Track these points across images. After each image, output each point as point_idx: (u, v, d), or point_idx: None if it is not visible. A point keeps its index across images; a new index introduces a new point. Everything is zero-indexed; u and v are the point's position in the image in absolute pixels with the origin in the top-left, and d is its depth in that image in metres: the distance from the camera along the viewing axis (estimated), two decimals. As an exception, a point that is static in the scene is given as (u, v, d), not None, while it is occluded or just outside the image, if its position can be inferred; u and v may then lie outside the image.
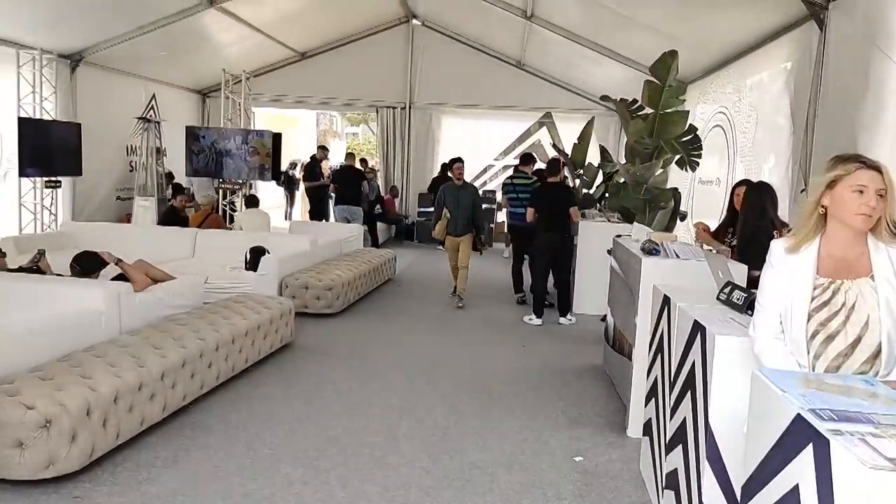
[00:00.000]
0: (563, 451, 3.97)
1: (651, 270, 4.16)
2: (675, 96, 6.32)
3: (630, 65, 9.67)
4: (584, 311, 7.39)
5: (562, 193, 7.19)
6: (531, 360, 5.81)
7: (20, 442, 3.14)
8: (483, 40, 12.93)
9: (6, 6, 7.62)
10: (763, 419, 1.94)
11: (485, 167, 14.18)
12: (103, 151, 10.09)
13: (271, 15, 10.85)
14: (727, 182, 7.66)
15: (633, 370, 4.23)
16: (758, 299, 2.33)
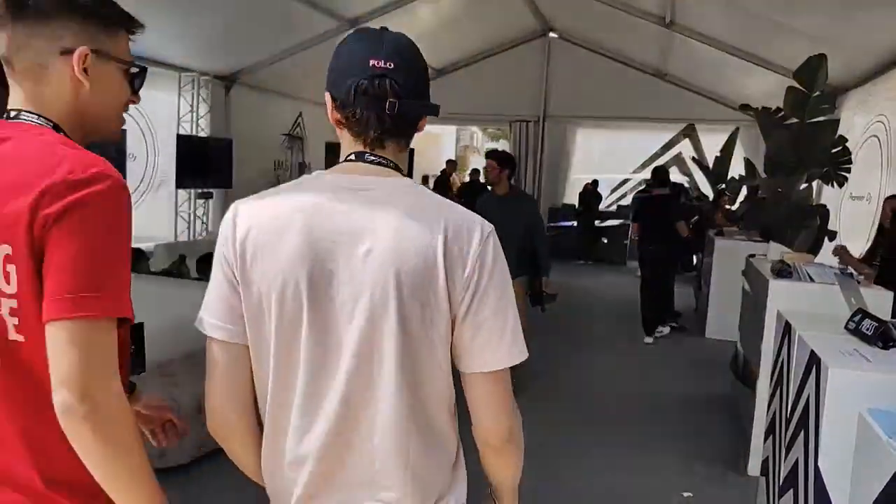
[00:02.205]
0: (673, 485, 3.70)
1: (779, 294, 3.80)
2: (822, 104, 5.75)
3: (782, 73, 8.94)
4: (716, 335, 6.91)
5: (667, 206, 6.81)
6: (650, 386, 5.50)
7: (137, 432, 3.39)
8: (622, 51, 12.55)
9: (171, 35, 8.40)
10: (868, 467, 1.69)
11: (622, 181, 13.75)
12: (252, 166, 10.82)
13: (408, 33, 11.08)
14: (878, 197, 6.88)
15: (755, 402, 3.87)
16: None
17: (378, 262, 1.08)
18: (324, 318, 1.10)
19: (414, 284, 1.08)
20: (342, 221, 1.11)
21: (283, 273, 1.10)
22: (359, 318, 1.09)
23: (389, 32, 1.23)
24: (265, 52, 9.90)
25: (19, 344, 1.03)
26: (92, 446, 1.00)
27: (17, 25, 1.09)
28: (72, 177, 1.00)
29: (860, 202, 7.35)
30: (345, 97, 1.16)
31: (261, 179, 11.47)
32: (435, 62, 13.22)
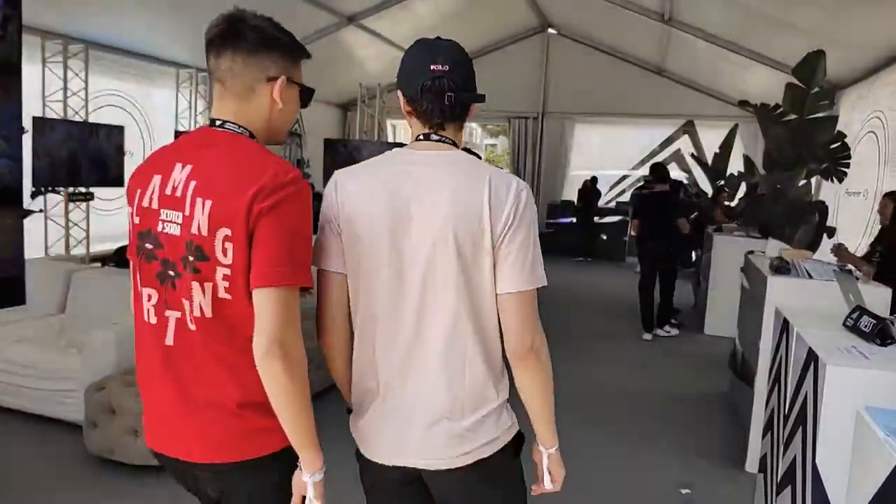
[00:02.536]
0: (671, 482, 3.70)
1: (777, 291, 3.79)
2: (821, 100, 5.74)
3: (781, 69, 8.94)
4: (715, 332, 6.91)
5: (668, 202, 6.80)
6: (649, 382, 5.49)
7: (135, 429, 3.39)
8: (620, 47, 12.54)
9: (168, 30, 8.38)
10: (866, 465, 1.68)
11: (621, 177, 13.74)
12: (251, 162, 10.82)
13: (407, 30, 11.16)
14: (875, 193, 6.88)
15: (754, 399, 3.87)
16: None
17: (442, 210, 1.45)
18: (400, 252, 1.47)
19: (466, 226, 1.44)
20: (415, 182, 1.48)
21: (372, 221, 1.47)
22: (427, 250, 1.46)
23: (443, 41, 1.56)
24: (263, 48, 9.88)
25: (227, 301, 1.38)
26: (280, 379, 1.34)
27: (236, 56, 1.44)
28: (277, 180, 1.34)
29: (857, 198, 7.35)
30: (414, 95, 1.50)
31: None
32: (433, 58, 13.20)
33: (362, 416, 1.58)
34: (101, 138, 7.60)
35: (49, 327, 4.55)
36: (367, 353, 1.54)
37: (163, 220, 1.41)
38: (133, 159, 8.63)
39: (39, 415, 4.02)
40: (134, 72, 8.77)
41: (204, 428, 1.44)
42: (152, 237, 1.43)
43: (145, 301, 1.46)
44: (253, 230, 1.33)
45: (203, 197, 1.37)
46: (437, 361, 1.49)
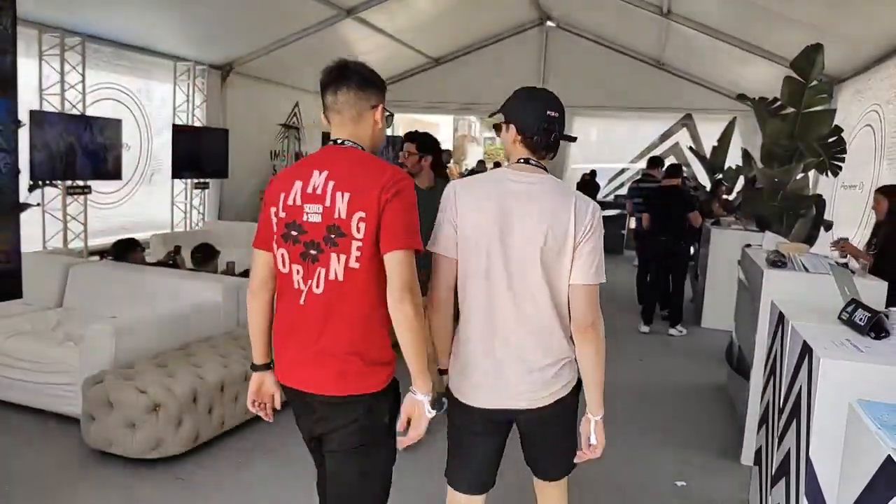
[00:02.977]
0: (667, 473, 3.72)
1: (773, 284, 3.80)
2: (818, 94, 5.73)
3: (779, 62, 8.93)
4: (711, 325, 6.93)
5: (679, 197, 6.80)
6: (648, 375, 5.51)
7: (132, 423, 3.40)
8: (619, 40, 12.50)
9: (166, 23, 8.35)
10: (857, 457, 1.69)
11: (620, 170, 13.73)
12: (249, 155, 10.79)
13: (405, 23, 11.12)
14: (871, 187, 6.88)
15: (749, 392, 3.88)
16: None
17: (537, 220, 1.99)
18: (504, 249, 2.00)
19: (556, 233, 1.99)
20: (517, 195, 2.02)
21: (480, 225, 2.01)
22: (525, 249, 1.99)
23: (550, 92, 2.12)
24: (261, 41, 9.84)
25: (355, 269, 1.86)
26: (410, 318, 1.83)
27: (349, 92, 1.97)
28: (394, 177, 1.89)
29: (853, 191, 7.36)
30: (532, 131, 2.05)
31: (258, 170, 11.45)
32: (432, 51, 13.17)
33: (465, 374, 2.09)
34: (98, 132, 7.59)
35: (46, 321, 4.56)
36: (472, 325, 2.07)
37: (306, 212, 1.91)
38: (131, 153, 8.63)
39: (37, 408, 4.03)
40: (131, 65, 8.74)
41: (326, 368, 1.90)
42: (297, 226, 1.92)
43: (294, 275, 1.94)
44: (381, 213, 1.85)
45: (342, 191, 1.88)
46: (528, 329, 2.03)
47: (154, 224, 8.92)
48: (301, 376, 1.96)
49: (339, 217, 1.87)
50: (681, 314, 6.93)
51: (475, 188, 2.09)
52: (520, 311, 2.02)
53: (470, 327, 2.07)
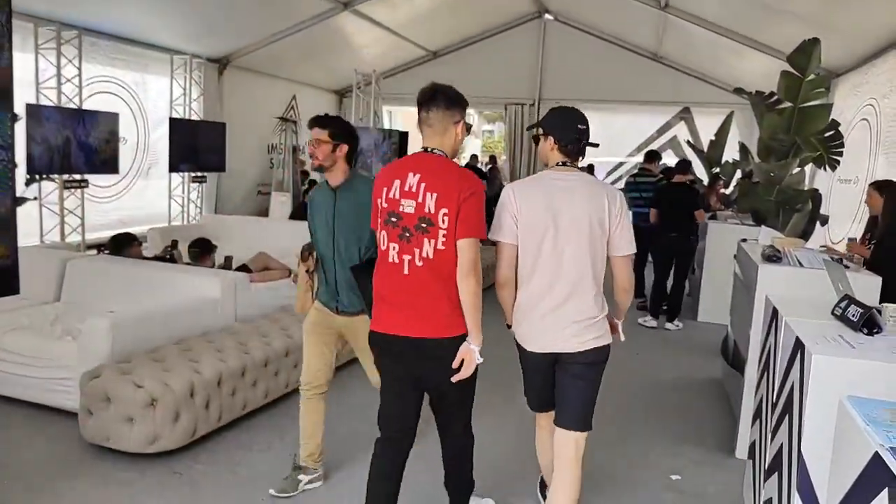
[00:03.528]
0: (661, 467, 3.74)
1: (767, 279, 3.82)
2: (816, 88, 5.73)
3: (777, 56, 8.92)
4: (708, 319, 6.95)
5: (687, 194, 6.81)
6: (644, 369, 5.52)
7: (130, 417, 3.41)
8: (617, 33, 12.48)
9: (162, 17, 8.33)
10: (846, 454, 1.71)
11: (618, 164, 13.72)
12: (246, 149, 10.78)
13: (404, 16, 11.09)
14: (866, 180, 6.89)
15: (744, 387, 3.90)
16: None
17: (581, 208, 2.63)
18: (556, 233, 2.63)
19: (597, 218, 2.64)
20: (562, 190, 2.67)
21: (535, 214, 2.64)
22: (571, 232, 2.64)
23: (578, 111, 2.77)
24: (258, 35, 9.81)
25: (441, 250, 2.49)
26: (472, 287, 2.49)
27: (438, 111, 2.57)
28: (471, 182, 2.51)
29: (849, 185, 7.37)
30: (567, 141, 2.71)
31: (255, 163, 11.44)
32: (429, 44, 13.13)
33: (527, 327, 2.78)
34: (95, 125, 7.57)
35: (44, 315, 4.56)
36: (530, 291, 2.73)
37: (402, 204, 2.53)
38: (128, 146, 8.61)
39: (35, 403, 4.04)
40: (128, 58, 8.71)
41: (422, 318, 2.55)
42: (396, 214, 2.54)
43: (391, 250, 2.57)
44: (459, 209, 2.47)
45: (431, 192, 2.49)
46: (573, 292, 2.69)
47: (152, 218, 8.90)
48: (405, 326, 2.57)
49: (429, 212, 2.50)
50: (679, 309, 6.96)
51: (528, 187, 2.74)
52: (565, 281, 2.67)
53: (527, 294, 2.74)
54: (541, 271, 2.68)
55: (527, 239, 2.67)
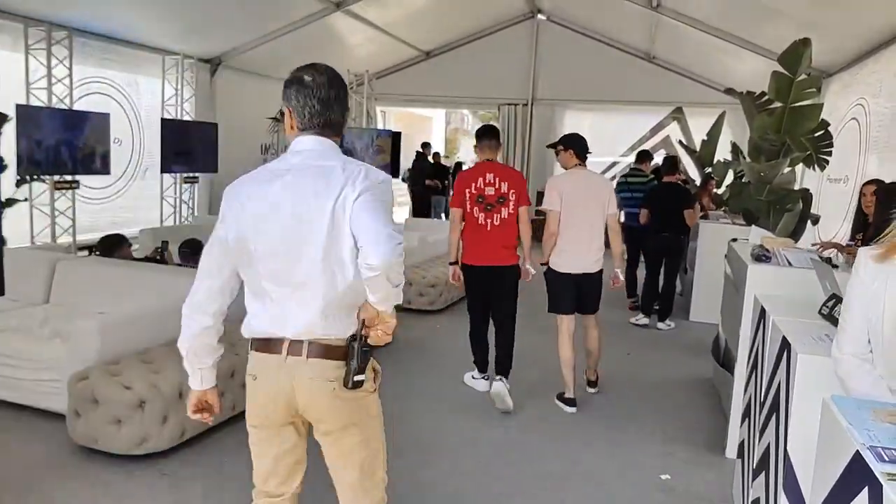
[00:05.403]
0: (651, 467, 3.74)
1: (756, 279, 3.82)
2: (806, 88, 5.74)
3: (769, 56, 8.96)
4: (699, 319, 6.96)
5: (678, 193, 6.83)
6: (634, 368, 5.54)
7: (118, 419, 3.40)
8: (610, 34, 12.51)
9: (153, 17, 8.30)
10: (829, 453, 1.71)
11: (611, 163, 13.75)
12: (238, 150, 10.73)
13: (396, 16, 11.09)
14: (856, 180, 6.91)
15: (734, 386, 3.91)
16: (842, 315, 2.03)
17: (594, 192, 4.58)
18: (585, 203, 4.52)
19: (602, 199, 4.58)
20: (583, 179, 4.63)
21: (571, 196, 4.51)
22: (590, 205, 4.54)
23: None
24: (250, 35, 9.80)
25: (512, 214, 4.52)
26: (527, 232, 4.60)
27: (493, 140, 4.67)
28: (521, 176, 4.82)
29: (839, 185, 7.40)
30: (582, 152, 4.63)
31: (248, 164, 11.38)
32: (423, 44, 13.13)
33: (564, 258, 4.53)
34: (86, 126, 7.55)
35: (33, 317, 4.54)
36: (568, 238, 4.49)
37: (486, 191, 4.48)
38: (122, 148, 8.59)
39: (24, 405, 4.02)
40: (119, 59, 8.70)
41: (500, 252, 4.51)
42: (482, 196, 4.48)
43: (480, 218, 4.50)
44: (519, 191, 4.51)
45: (502, 181, 4.49)
46: (589, 239, 4.53)
47: (144, 219, 8.89)
48: (490, 259, 4.50)
49: (503, 192, 4.48)
50: (671, 308, 6.97)
51: (566, 178, 4.65)
52: (586, 232, 4.52)
53: (564, 240, 4.52)
54: (575, 227, 4.47)
55: (567, 208, 4.47)
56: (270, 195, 1.93)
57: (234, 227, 1.95)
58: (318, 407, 1.99)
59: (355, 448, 2.04)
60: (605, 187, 4.70)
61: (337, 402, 1.97)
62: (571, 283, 4.55)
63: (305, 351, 1.95)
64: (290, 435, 2.08)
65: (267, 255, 1.94)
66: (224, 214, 1.99)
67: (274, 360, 1.98)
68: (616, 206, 4.68)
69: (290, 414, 2.02)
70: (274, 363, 1.98)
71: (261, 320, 2.02)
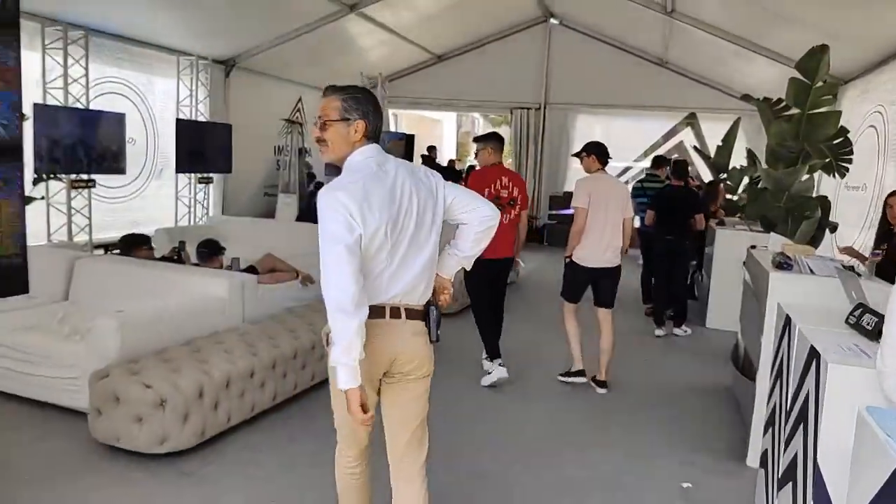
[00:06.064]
0: (672, 475, 3.72)
1: (779, 287, 3.79)
2: (824, 95, 5.71)
3: (784, 62, 8.92)
4: (716, 326, 6.93)
5: (686, 198, 6.80)
6: (652, 376, 5.51)
7: (139, 417, 3.41)
8: (623, 38, 12.49)
9: (169, 18, 8.33)
10: (866, 466, 1.69)
11: (624, 168, 13.72)
12: (252, 151, 10.77)
13: (409, 19, 11.10)
14: (874, 187, 6.87)
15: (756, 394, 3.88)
16: (886, 327, 2.01)
17: (615, 196, 5.04)
18: (606, 204, 4.95)
19: (622, 202, 5.08)
20: (605, 183, 5.08)
21: (598, 195, 4.97)
22: (611, 205, 4.97)
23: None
24: (265, 37, 9.82)
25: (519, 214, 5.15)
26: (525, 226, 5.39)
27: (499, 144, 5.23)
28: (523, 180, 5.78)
29: (857, 192, 7.35)
30: (603, 158, 5.11)
31: (262, 165, 11.43)
32: (435, 48, 13.14)
33: (587, 253, 4.98)
34: (102, 125, 7.58)
35: (52, 314, 4.55)
36: (592, 235, 4.93)
37: (500, 193, 4.97)
38: (137, 147, 8.62)
39: (42, 401, 4.04)
40: (134, 59, 8.73)
41: (508, 247, 5.03)
42: (497, 198, 4.88)
43: (504, 213, 4.75)
44: (523, 196, 5.13)
45: (515, 186, 5.07)
46: (612, 238, 4.96)
47: (159, 219, 8.93)
48: (498, 252, 4.65)
49: (514, 195, 5.02)
50: (685, 313, 6.94)
51: (591, 181, 5.04)
52: (608, 232, 4.91)
53: (588, 238, 4.93)
54: (599, 225, 4.89)
55: (593, 207, 4.89)
56: (396, 190, 2.24)
57: (374, 222, 2.16)
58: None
59: (424, 395, 2.43)
60: (625, 191, 5.22)
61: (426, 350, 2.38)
62: (588, 277, 5.05)
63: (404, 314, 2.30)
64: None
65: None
66: (351, 218, 2.12)
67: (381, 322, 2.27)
68: (632, 209, 5.13)
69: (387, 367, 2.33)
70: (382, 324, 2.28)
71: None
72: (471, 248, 2.46)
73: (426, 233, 2.30)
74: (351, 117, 2.25)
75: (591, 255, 4.97)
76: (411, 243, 2.25)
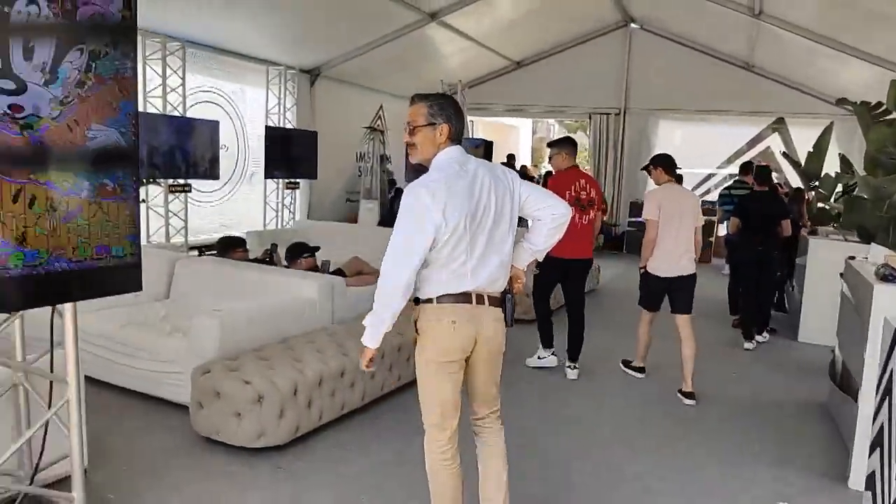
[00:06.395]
0: (765, 493, 3.59)
1: (884, 300, 3.62)
2: (931, 99, 5.41)
3: (881, 64, 8.54)
4: (810, 339, 6.65)
5: (771, 203, 6.56)
6: (741, 390, 5.33)
7: (238, 412, 3.55)
8: (705, 41, 12.18)
9: (259, 30, 8.68)
10: None
11: (707, 175, 13.37)
12: (336, 157, 11.06)
13: (488, 26, 11.17)
14: None
15: (858, 413, 3.71)
16: None
17: (686, 206, 5.09)
18: (680, 214, 5.00)
19: (694, 211, 5.13)
20: (675, 195, 5.11)
21: (670, 206, 5.00)
22: (685, 216, 5.01)
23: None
24: (348, 46, 10.08)
25: (595, 215, 5.34)
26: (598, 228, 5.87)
27: (573, 148, 5.50)
28: (597, 182, 6.52)
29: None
30: (672, 170, 5.19)
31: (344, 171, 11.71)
32: (514, 54, 13.16)
33: (661, 263, 5.04)
34: (197, 133, 7.95)
35: (155, 312, 4.80)
36: (666, 244, 4.99)
37: (581, 194, 5.15)
38: (229, 153, 9.00)
39: (147, 394, 4.26)
40: (227, 69, 9.12)
41: (587, 247, 5.30)
42: (578, 199, 5.09)
43: (575, 216, 4.65)
44: (598, 198, 5.32)
45: (592, 188, 5.25)
46: (685, 244, 5.00)
47: (249, 222, 9.30)
48: (576, 252, 5.10)
49: (592, 197, 5.21)
50: (768, 320, 6.73)
51: (663, 191, 5.08)
52: (683, 242, 4.97)
53: (661, 248, 5.00)
54: (671, 235, 4.94)
55: (664, 218, 4.95)
56: (476, 186, 2.46)
57: (454, 216, 2.39)
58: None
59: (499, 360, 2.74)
60: (695, 200, 5.27)
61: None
62: (664, 286, 5.09)
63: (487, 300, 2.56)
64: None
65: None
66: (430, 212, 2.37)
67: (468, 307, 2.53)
68: (702, 218, 5.25)
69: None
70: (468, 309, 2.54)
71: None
72: (543, 242, 2.65)
73: (505, 225, 2.53)
74: (436, 122, 2.49)
75: (665, 264, 5.03)
76: (490, 236, 2.47)
